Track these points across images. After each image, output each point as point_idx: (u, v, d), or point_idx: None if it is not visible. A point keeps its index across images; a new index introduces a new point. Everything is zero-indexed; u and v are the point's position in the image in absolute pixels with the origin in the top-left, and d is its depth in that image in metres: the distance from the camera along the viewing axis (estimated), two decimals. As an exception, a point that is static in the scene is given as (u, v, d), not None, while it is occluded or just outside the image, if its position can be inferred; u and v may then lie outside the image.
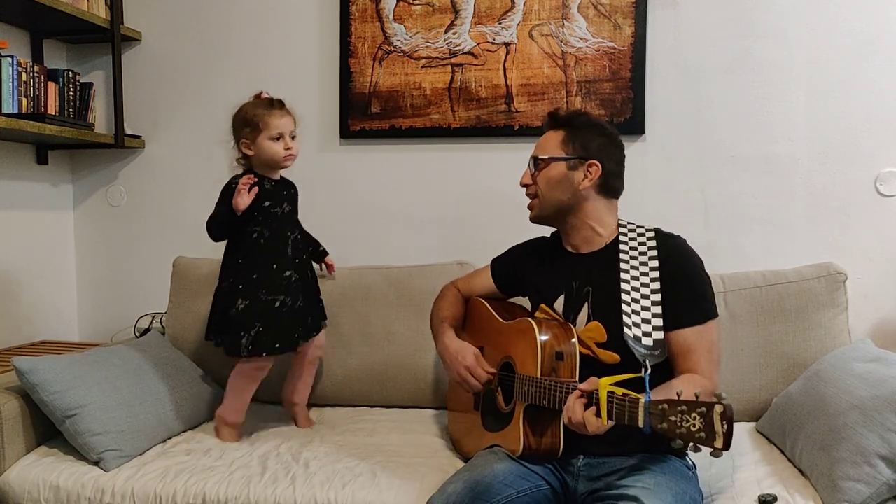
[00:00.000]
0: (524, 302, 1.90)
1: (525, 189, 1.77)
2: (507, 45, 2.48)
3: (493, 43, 2.48)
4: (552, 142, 1.72)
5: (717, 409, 1.18)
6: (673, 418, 1.23)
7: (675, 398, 1.25)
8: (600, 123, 1.75)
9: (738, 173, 2.40)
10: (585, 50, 2.43)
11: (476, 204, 2.56)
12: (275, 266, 1.98)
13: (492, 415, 1.75)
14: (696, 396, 1.23)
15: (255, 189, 1.93)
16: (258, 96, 2.02)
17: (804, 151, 2.37)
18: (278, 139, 1.97)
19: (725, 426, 1.17)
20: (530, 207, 1.78)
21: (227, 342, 1.99)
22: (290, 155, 2.00)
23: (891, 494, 1.53)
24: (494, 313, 1.84)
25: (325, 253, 2.30)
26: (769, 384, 2.06)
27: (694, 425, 1.20)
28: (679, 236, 1.71)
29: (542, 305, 1.73)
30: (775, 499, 1.56)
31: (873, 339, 2.18)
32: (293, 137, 2.01)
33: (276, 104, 2.00)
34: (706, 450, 1.22)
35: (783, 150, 2.37)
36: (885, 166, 2.32)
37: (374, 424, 2.14)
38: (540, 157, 1.73)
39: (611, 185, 1.72)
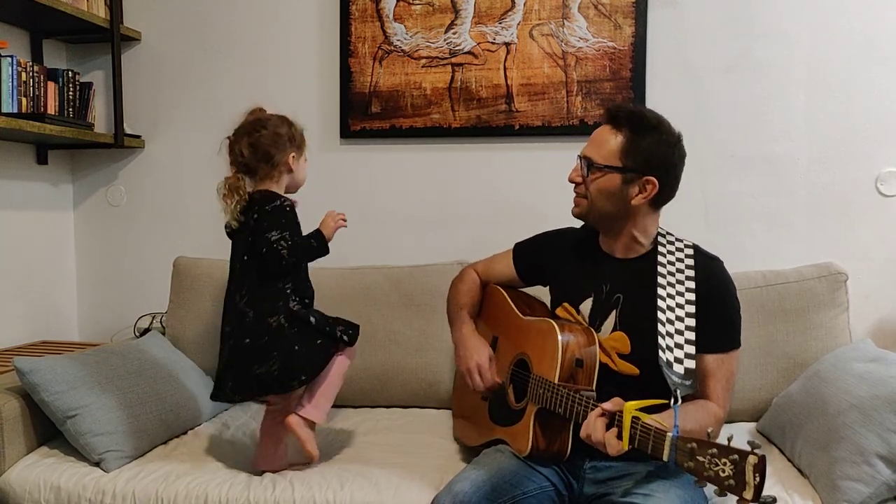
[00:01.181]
0: (543, 292, 1.83)
1: (573, 185, 1.66)
2: (507, 44, 2.47)
3: (493, 43, 2.48)
4: (610, 146, 1.58)
5: (751, 459, 1.13)
6: (701, 459, 1.19)
7: (706, 438, 1.20)
8: (666, 130, 1.60)
9: (739, 173, 2.40)
10: (586, 50, 2.43)
11: (476, 204, 2.56)
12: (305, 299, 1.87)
13: (500, 408, 1.72)
14: (728, 441, 1.18)
15: None
16: (262, 111, 1.88)
17: (804, 151, 2.37)
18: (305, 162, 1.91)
19: (758, 478, 1.13)
20: (576, 203, 1.66)
21: (313, 360, 1.77)
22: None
23: (890, 494, 1.53)
24: (513, 306, 1.79)
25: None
26: (769, 384, 2.06)
27: (723, 471, 1.16)
28: (717, 258, 1.65)
29: (566, 304, 1.68)
30: (774, 500, 1.55)
31: (874, 338, 2.18)
32: None
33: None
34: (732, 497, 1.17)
35: (783, 149, 2.38)
36: (885, 166, 2.32)
37: (375, 424, 2.14)
38: (595, 162, 1.59)
39: (663, 198, 1.62)
